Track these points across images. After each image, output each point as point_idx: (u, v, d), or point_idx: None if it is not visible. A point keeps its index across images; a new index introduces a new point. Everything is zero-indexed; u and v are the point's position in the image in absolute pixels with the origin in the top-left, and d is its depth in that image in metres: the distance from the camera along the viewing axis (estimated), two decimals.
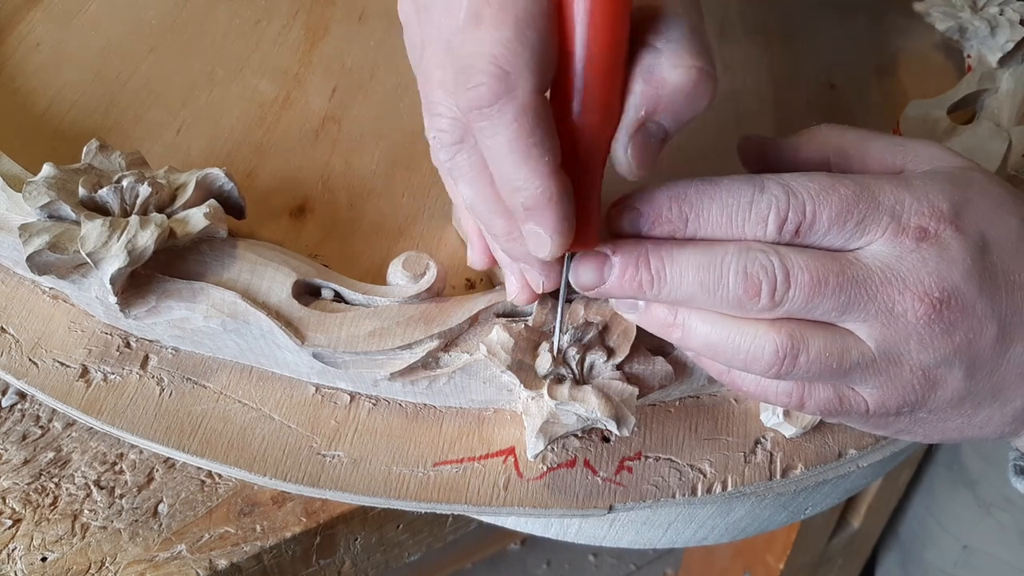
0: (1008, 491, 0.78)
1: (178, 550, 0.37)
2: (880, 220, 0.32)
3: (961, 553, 0.82)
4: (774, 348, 0.32)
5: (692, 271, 0.32)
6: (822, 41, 0.58)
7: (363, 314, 0.37)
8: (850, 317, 0.32)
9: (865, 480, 0.46)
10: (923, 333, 0.32)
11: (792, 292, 0.31)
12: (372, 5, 0.56)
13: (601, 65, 0.29)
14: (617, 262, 0.33)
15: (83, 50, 0.51)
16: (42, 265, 0.35)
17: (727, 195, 0.32)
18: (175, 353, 0.40)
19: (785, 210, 0.31)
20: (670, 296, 0.33)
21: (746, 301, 0.32)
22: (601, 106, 0.30)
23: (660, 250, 0.33)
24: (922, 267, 0.32)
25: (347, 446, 0.38)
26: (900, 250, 0.32)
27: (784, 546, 0.89)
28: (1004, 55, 0.53)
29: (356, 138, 0.48)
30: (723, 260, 0.32)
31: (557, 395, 0.35)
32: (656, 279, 0.32)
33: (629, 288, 0.33)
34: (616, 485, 0.38)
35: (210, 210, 0.37)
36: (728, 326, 0.33)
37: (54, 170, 0.37)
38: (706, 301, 0.32)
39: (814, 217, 0.32)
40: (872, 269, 0.32)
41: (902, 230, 0.32)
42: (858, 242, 0.32)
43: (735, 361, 0.33)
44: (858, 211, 0.32)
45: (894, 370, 0.32)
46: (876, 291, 0.31)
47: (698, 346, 0.34)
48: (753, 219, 0.32)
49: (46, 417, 0.40)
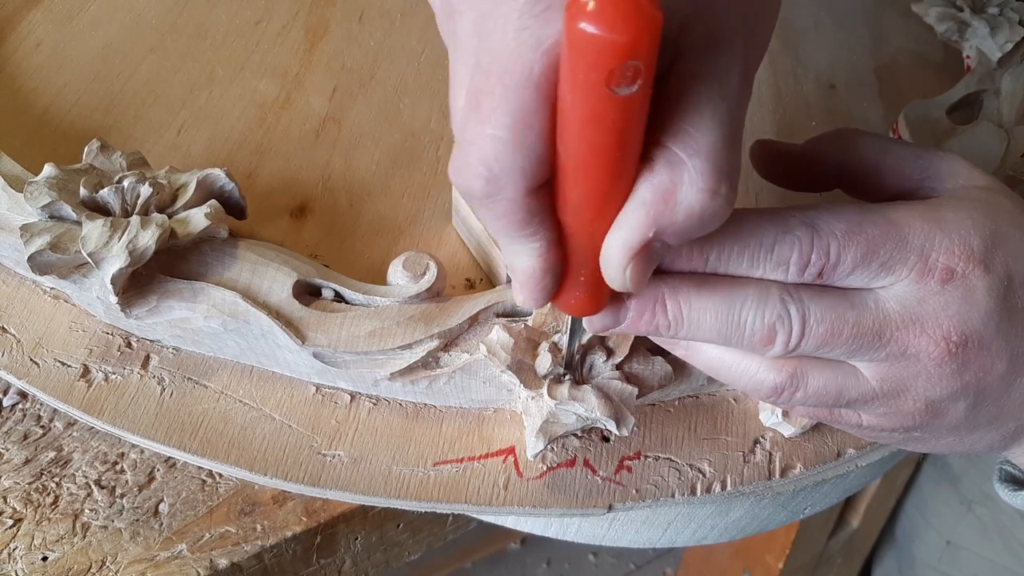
0: (988, 488, 0.78)
1: (179, 549, 0.37)
2: (907, 260, 0.31)
3: (945, 549, 0.82)
4: (772, 384, 0.32)
5: (710, 317, 0.31)
6: (821, 42, 0.58)
7: (363, 314, 0.37)
8: (859, 359, 0.32)
9: (864, 480, 0.46)
10: (933, 372, 0.31)
11: (806, 340, 0.31)
12: (372, 5, 0.56)
13: (597, 160, 0.25)
14: (633, 306, 0.31)
15: (84, 50, 0.51)
16: (43, 265, 0.35)
17: (749, 236, 0.30)
18: (176, 353, 0.40)
19: (808, 253, 0.30)
20: (688, 337, 0.32)
21: (761, 348, 0.31)
22: (596, 209, 0.27)
23: (678, 295, 0.31)
24: (943, 311, 0.31)
25: (347, 446, 0.38)
26: (924, 292, 0.31)
27: (783, 546, 0.89)
28: (1003, 55, 0.53)
29: (356, 138, 0.48)
30: (742, 308, 0.31)
31: (557, 395, 0.35)
32: (673, 323, 0.31)
33: (645, 330, 0.32)
34: (616, 484, 0.38)
35: (211, 210, 0.37)
36: (733, 356, 0.33)
37: (55, 170, 0.37)
38: (722, 343, 0.32)
39: (838, 259, 0.30)
40: (890, 314, 0.31)
41: (928, 271, 0.31)
42: (882, 281, 0.31)
43: (735, 385, 0.34)
44: (884, 251, 0.30)
45: (896, 402, 0.32)
46: (891, 336, 0.31)
47: (701, 365, 0.34)
48: (774, 261, 0.30)
49: (47, 417, 0.40)
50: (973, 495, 0.79)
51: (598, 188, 0.26)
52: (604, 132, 0.24)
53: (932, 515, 0.86)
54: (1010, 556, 0.76)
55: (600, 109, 0.23)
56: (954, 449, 0.35)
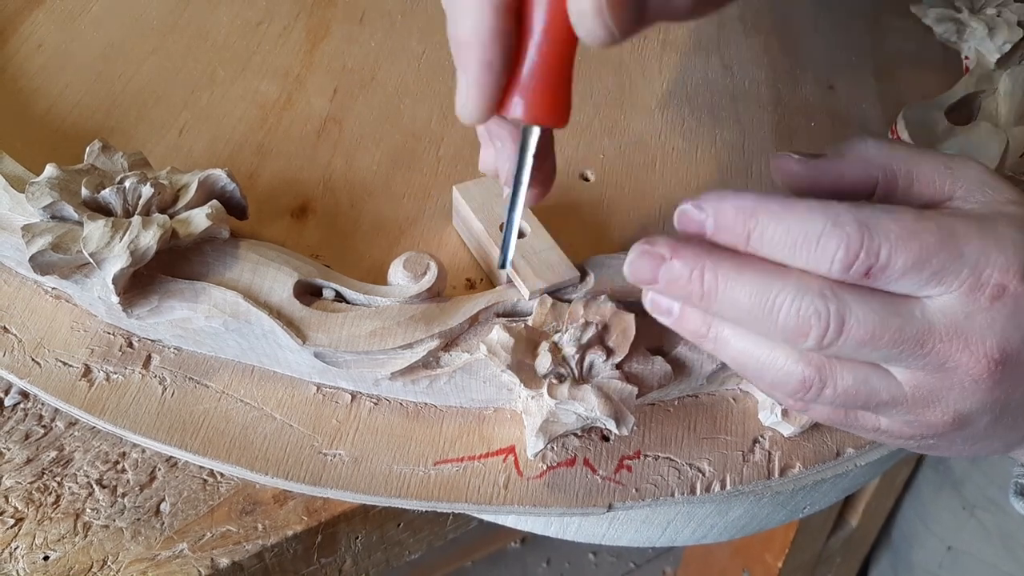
0: (992, 492, 0.78)
1: (180, 549, 0.37)
2: (959, 273, 0.30)
3: (946, 555, 0.82)
4: (800, 379, 0.31)
5: (745, 297, 0.30)
6: (821, 43, 0.59)
7: (364, 314, 0.37)
8: (895, 364, 0.31)
9: (863, 479, 0.46)
10: (968, 387, 0.31)
11: (841, 340, 0.30)
12: (373, 6, 0.56)
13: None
14: (674, 267, 0.31)
15: (85, 51, 0.51)
16: (45, 265, 0.36)
17: (796, 222, 0.30)
18: (177, 353, 0.40)
19: (856, 251, 0.29)
20: (719, 313, 0.31)
21: (793, 339, 0.30)
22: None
23: (718, 268, 0.31)
24: (988, 328, 0.30)
25: (348, 445, 0.38)
26: (972, 307, 0.30)
27: (782, 545, 0.89)
28: (1001, 56, 0.54)
29: (357, 139, 0.48)
30: (778, 295, 0.30)
31: (557, 394, 0.35)
32: (707, 295, 0.31)
33: (679, 294, 0.32)
34: (615, 484, 0.38)
35: (212, 211, 0.37)
36: (761, 348, 0.32)
37: (57, 171, 0.37)
38: (752, 326, 0.31)
39: (888, 263, 0.29)
40: (935, 326, 0.30)
41: (980, 286, 0.30)
42: (930, 291, 0.30)
43: (760, 382, 0.33)
44: (937, 261, 0.29)
45: (924, 411, 0.32)
46: (933, 347, 0.30)
47: (729, 358, 0.33)
48: (819, 254, 0.29)
49: (48, 416, 0.40)
50: (976, 500, 0.79)
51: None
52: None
53: (932, 520, 0.85)
54: (1013, 561, 0.76)
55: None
56: (961, 454, 0.35)
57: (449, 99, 0.50)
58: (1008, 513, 0.76)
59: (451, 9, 0.29)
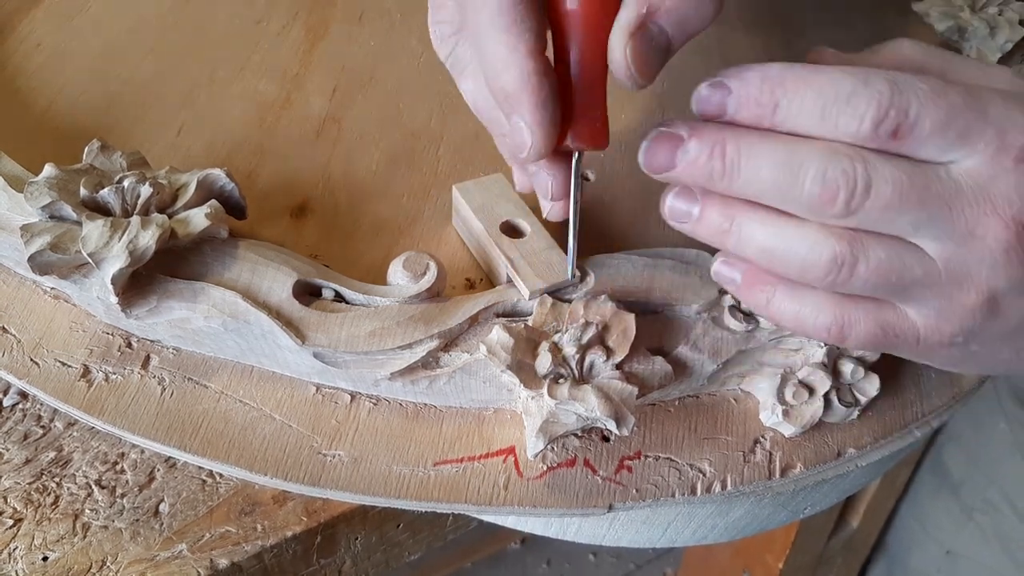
0: (990, 495, 0.78)
1: (179, 549, 0.37)
2: (984, 134, 0.29)
3: (945, 559, 0.82)
4: (832, 255, 0.30)
5: (768, 168, 0.30)
6: (821, 41, 0.58)
7: (363, 314, 0.37)
8: (924, 234, 0.30)
9: (864, 480, 0.46)
10: (999, 259, 0.30)
11: (869, 203, 0.29)
12: (372, 6, 0.56)
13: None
14: (692, 147, 0.31)
15: (84, 50, 0.51)
16: (43, 265, 0.35)
17: (827, 83, 0.29)
18: (176, 353, 0.40)
19: (886, 107, 0.29)
20: (740, 190, 0.31)
21: (819, 207, 0.30)
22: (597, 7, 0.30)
23: (739, 140, 0.30)
24: (1014, 191, 0.29)
25: (347, 446, 0.38)
26: (996, 170, 0.29)
27: (783, 545, 0.89)
28: (1003, 55, 0.53)
29: (356, 138, 0.48)
30: (804, 161, 0.29)
31: (557, 395, 0.35)
32: (729, 170, 0.30)
33: (700, 175, 0.31)
34: (616, 484, 0.38)
35: (211, 210, 0.37)
36: (787, 230, 0.31)
37: (55, 170, 0.37)
38: (775, 200, 0.30)
39: (916, 120, 0.29)
40: (962, 187, 0.29)
41: (1004, 148, 0.29)
42: (955, 154, 0.30)
43: (790, 268, 0.31)
44: (964, 120, 0.29)
45: (958, 293, 0.31)
46: (961, 211, 0.29)
47: (753, 252, 0.32)
48: (849, 112, 0.29)
49: (47, 417, 0.40)
50: (974, 503, 0.79)
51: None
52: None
53: (931, 524, 0.85)
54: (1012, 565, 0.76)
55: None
56: (1011, 368, 0.34)
57: (449, 98, 0.51)
58: (1006, 516, 0.76)
59: (485, 66, 0.31)
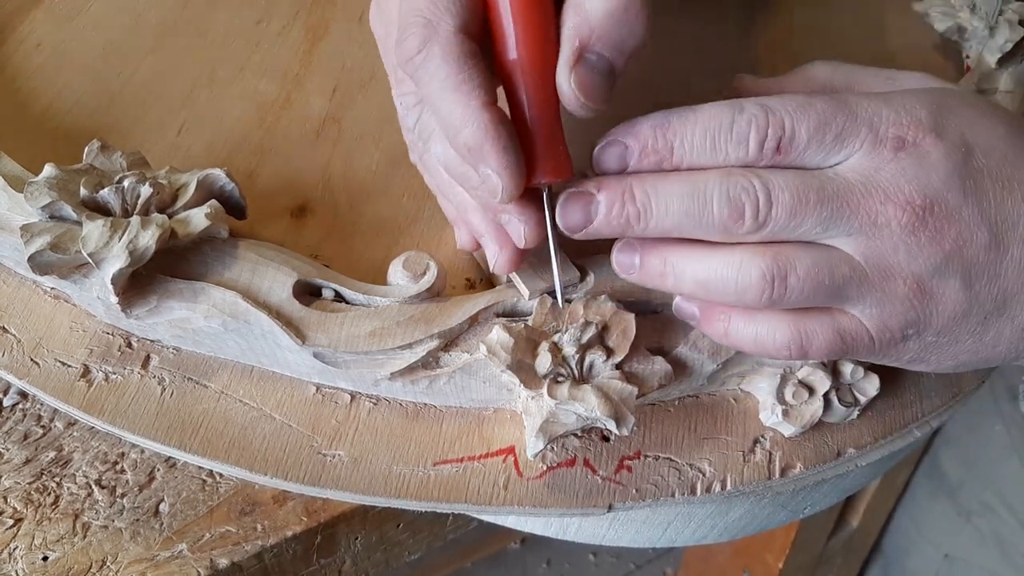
0: (987, 498, 0.78)
1: (179, 549, 0.37)
2: (858, 132, 0.32)
3: (943, 562, 0.82)
4: (760, 272, 0.32)
5: (677, 200, 0.32)
6: (820, 41, 0.58)
7: (363, 314, 0.37)
8: (834, 232, 0.32)
9: (864, 480, 0.46)
10: (910, 242, 0.32)
11: (775, 211, 0.32)
12: None
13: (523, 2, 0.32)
14: (603, 199, 0.33)
15: (84, 50, 0.51)
16: (43, 265, 0.36)
17: (708, 119, 0.32)
18: (176, 353, 0.40)
19: (764, 127, 0.32)
20: (657, 227, 0.33)
21: (731, 225, 0.32)
22: (534, 41, 0.32)
23: (644, 183, 0.33)
24: (901, 176, 0.32)
25: (347, 445, 0.38)
26: (878, 161, 0.32)
27: (783, 545, 0.89)
28: (1003, 56, 0.53)
29: (356, 138, 0.48)
30: (706, 187, 0.32)
31: (557, 394, 0.35)
32: (643, 212, 0.33)
33: (617, 224, 0.33)
34: (615, 484, 0.38)
35: (211, 210, 0.37)
36: (714, 259, 0.33)
37: (55, 170, 0.37)
38: (692, 229, 0.33)
39: (793, 132, 0.32)
40: (852, 182, 0.32)
41: (879, 141, 0.32)
42: (837, 156, 0.32)
43: (727, 295, 0.33)
44: (836, 124, 0.32)
45: (887, 284, 0.32)
46: (858, 203, 0.32)
47: (691, 287, 0.34)
48: (735, 139, 0.32)
49: (47, 416, 0.40)
50: (971, 506, 0.79)
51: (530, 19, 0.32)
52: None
53: (928, 528, 0.85)
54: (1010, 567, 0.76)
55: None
56: (978, 356, 0.35)
57: None
58: (1004, 519, 0.76)
59: (445, 127, 0.32)
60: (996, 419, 0.77)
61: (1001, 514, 0.76)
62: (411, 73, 0.32)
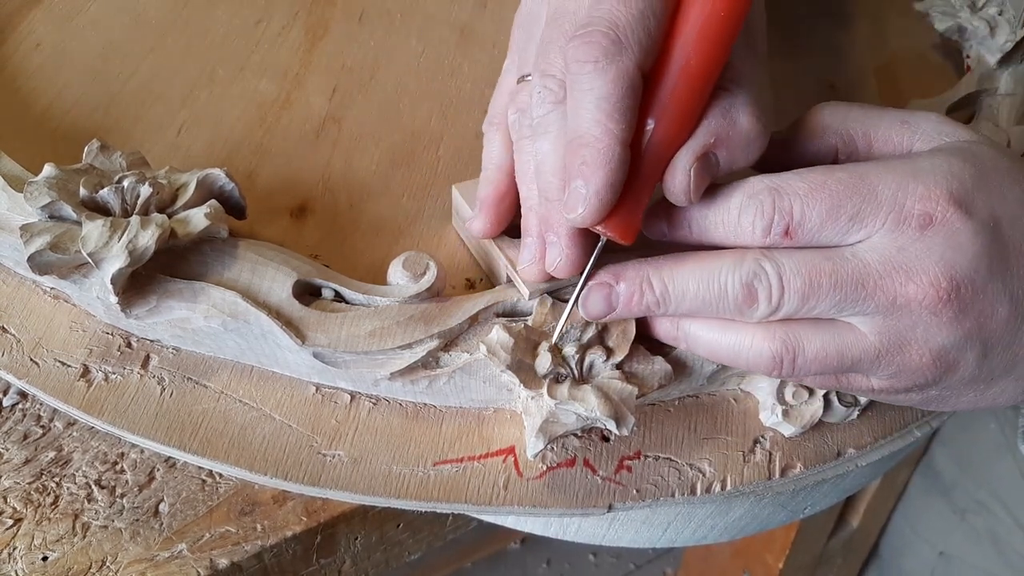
0: (982, 496, 0.78)
1: (179, 549, 0.37)
2: (878, 212, 0.31)
3: (938, 560, 0.82)
4: (770, 355, 0.33)
5: (693, 287, 0.33)
6: (821, 41, 0.58)
7: (363, 314, 0.37)
8: (849, 313, 0.32)
9: (864, 480, 0.46)
10: (930, 321, 0.31)
11: (787, 296, 0.32)
12: (372, 5, 0.56)
13: (696, 76, 0.32)
14: (623, 290, 0.34)
15: (83, 50, 0.51)
16: (43, 265, 0.35)
17: (721, 202, 0.33)
18: (176, 353, 0.40)
19: (770, 214, 0.32)
20: (677, 312, 0.34)
21: (746, 309, 0.33)
22: (680, 116, 0.32)
23: (661, 272, 0.34)
24: (927, 256, 0.31)
25: (347, 445, 0.38)
26: (903, 240, 0.31)
27: (783, 545, 0.89)
28: (1003, 55, 0.53)
29: (356, 138, 0.48)
30: (720, 273, 0.33)
31: (556, 395, 0.35)
32: (661, 300, 0.34)
33: (638, 311, 0.34)
34: (615, 484, 0.38)
35: (211, 210, 0.37)
36: (727, 335, 0.34)
37: (55, 170, 0.37)
38: (710, 312, 0.33)
39: (802, 217, 0.32)
40: (869, 264, 0.31)
41: (904, 220, 0.31)
42: (856, 235, 0.32)
43: (738, 364, 0.34)
44: (851, 204, 0.31)
45: (902, 356, 0.32)
46: (875, 286, 0.31)
47: (704, 352, 0.35)
48: (743, 225, 0.33)
49: (47, 416, 0.40)
50: (966, 504, 0.79)
51: (691, 95, 0.32)
52: (712, 45, 0.31)
53: (923, 527, 0.85)
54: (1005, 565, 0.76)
55: (713, 26, 0.31)
56: (978, 405, 0.35)
57: (449, 98, 0.51)
58: (999, 517, 0.76)
59: (573, 131, 0.32)
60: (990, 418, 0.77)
61: (996, 512, 0.76)
62: (575, 72, 0.31)
